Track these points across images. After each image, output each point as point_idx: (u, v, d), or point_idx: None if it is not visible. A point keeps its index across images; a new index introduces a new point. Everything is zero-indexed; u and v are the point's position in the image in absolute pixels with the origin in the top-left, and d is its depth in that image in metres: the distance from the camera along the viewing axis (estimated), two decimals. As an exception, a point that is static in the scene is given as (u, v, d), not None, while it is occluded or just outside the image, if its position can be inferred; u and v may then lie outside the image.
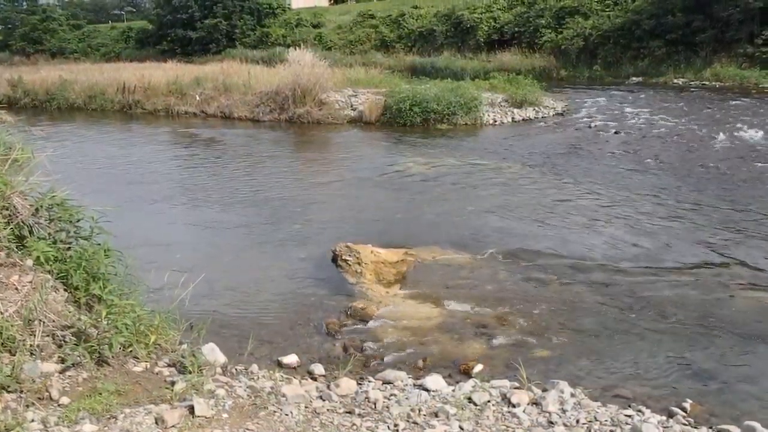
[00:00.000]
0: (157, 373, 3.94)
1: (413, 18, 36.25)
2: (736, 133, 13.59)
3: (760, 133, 13.41)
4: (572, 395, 4.09)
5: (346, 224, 8.33)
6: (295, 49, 17.96)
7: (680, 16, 25.19)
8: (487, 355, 5.00)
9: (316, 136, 15.48)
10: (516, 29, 31.01)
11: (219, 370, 4.29)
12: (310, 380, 4.45)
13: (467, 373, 4.64)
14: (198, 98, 19.05)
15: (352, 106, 16.91)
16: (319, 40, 37.84)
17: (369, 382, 4.37)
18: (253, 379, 4.22)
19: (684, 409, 4.08)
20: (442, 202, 9.37)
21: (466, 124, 15.78)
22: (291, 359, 4.80)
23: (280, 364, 4.74)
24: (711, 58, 24.45)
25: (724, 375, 4.66)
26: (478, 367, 4.70)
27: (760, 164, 11.04)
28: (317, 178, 11.12)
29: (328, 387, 4.18)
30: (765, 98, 18.96)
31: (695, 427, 3.72)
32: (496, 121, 16.11)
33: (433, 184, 10.45)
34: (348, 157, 12.80)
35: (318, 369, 4.64)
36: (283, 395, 3.87)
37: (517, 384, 4.27)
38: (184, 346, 4.32)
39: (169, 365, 4.07)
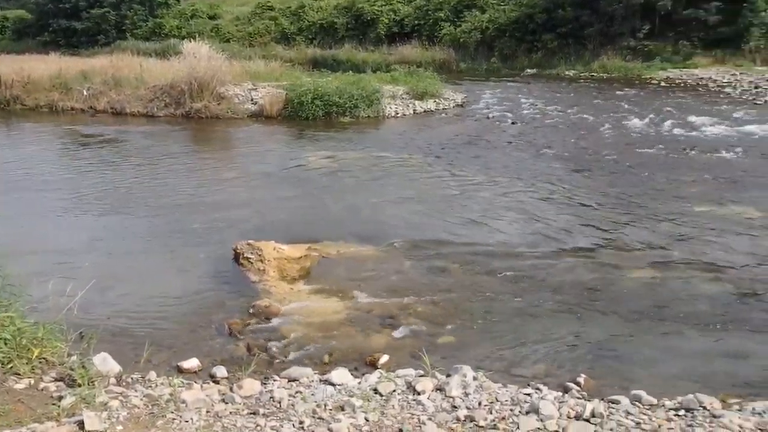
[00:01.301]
0: (42, 390, 3.68)
1: (313, 10, 35.89)
2: (622, 122, 14.41)
3: (643, 122, 14.28)
4: (474, 378, 4.18)
5: (248, 222, 8.14)
6: (191, 41, 17.33)
7: (570, 10, 26.36)
8: (393, 345, 5.03)
9: (216, 132, 15.04)
10: (416, 22, 31.37)
11: (113, 380, 4.08)
12: (212, 384, 4.31)
13: (373, 365, 4.66)
14: (85, 93, 17.99)
15: (252, 100, 16.54)
16: (216, 32, 36.70)
17: (274, 381, 4.28)
18: (150, 387, 4.04)
19: (578, 384, 4.27)
20: (345, 195, 9.35)
21: (368, 116, 15.82)
22: (191, 363, 4.63)
23: (179, 370, 4.56)
24: (598, 51, 25.77)
25: (614, 349, 4.93)
26: (384, 358, 4.72)
27: (642, 150, 11.76)
28: (217, 175, 10.80)
29: (231, 389, 4.07)
30: (647, 88, 20.22)
31: (588, 400, 3.89)
32: (398, 114, 16.25)
33: (336, 177, 10.41)
34: (249, 153, 12.52)
35: (220, 371, 4.50)
36: (183, 401, 3.72)
37: (422, 372, 4.32)
38: (74, 358, 4.07)
39: (56, 380, 3.82)
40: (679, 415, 3.60)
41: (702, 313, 5.45)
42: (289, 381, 4.28)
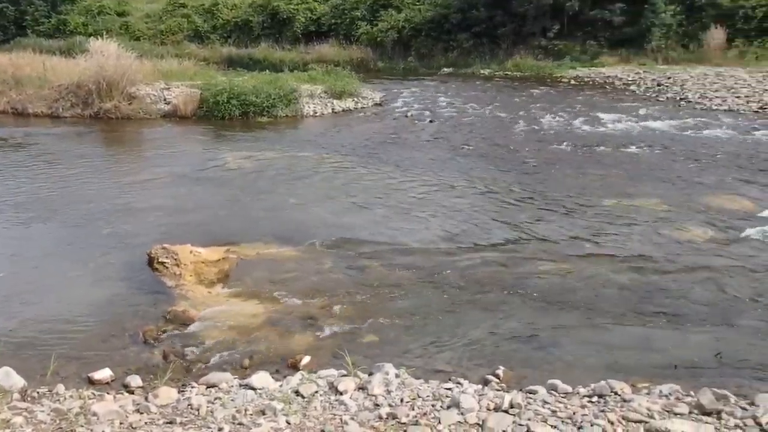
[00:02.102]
0: (-64, 410, 3.43)
1: (227, 8, 35.12)
2: (535, 119, 14.89)
3: (555, 119, 14.81)
4: (397, 376, 4.21)
5: (162, 225, 7.87)
6: (98, 39, 16.56)
7: (483, 11, 27.02)
8: (315, 346, 4.99)
9: (127, 133, 14.45)
10: (332, 21, 31.30)
11: (17, 395, 3.85)
12: (126, 394, 4.14)
13: (295, 367, 4.60)
14: (-19, 93, 16.89)
15: (165, 100, 16.00)
16: (126, 29, 35.31)
17: (192, 388, 4.17)
18: (58, 400, 3.84)
19: (498, 376, 4.37)
20: (264, 195, 9.20)
21: (286, 116, 15.64)
22: (103, 374, 4.42)
23: (90, 381, 4.35)
24: (511, 50, 26.53)
25: (531, 341, 5.07)
26: (306, 360, 4.67)
27: (555, 146, 12.19)
28: (129, 177, 10.38)
29: (146, 398, 3.92)
30: (558, 86, 20.99)
31: (507, 391, 3.99)
32: (316, 113, 16.15)
33: (254, 178, 10.22)
34: (163, 154, 12.10)
35: (135, 381, 4.33)
36: (94, 414, 3.56)
37: (344, 372, 4.31)
38: (-29, 375, 3.81)
39: (-49, 399, 3.57)
40: (592, 402, 3.75)
41: (613, 302, 5.69)
42: (207, 387, 4.17)
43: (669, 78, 20.30)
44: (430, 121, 15.03)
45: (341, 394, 3.90)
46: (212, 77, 17.50)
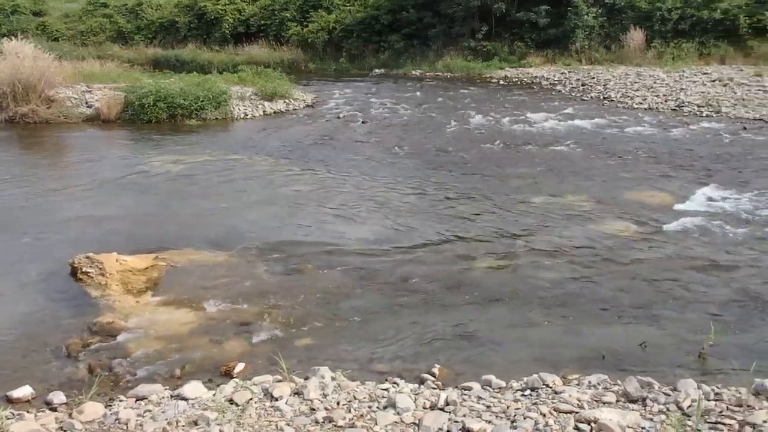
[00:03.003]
0: None
1: (152, 8, 34.14)
2: (466, 119, 15.12)
3: (486, 118, 15.08)
4: (333, 379, 4.16)
5: (87, 233, 7.56)
6: (12, 39, 15.76)
7: (413, 12, 27.26)
8: (249, 353, 4.89)
9: (46, 138, 13.80)
10: (262, 22, 30.88)
11: (-75, 420, 3.60)
12: (48, 412, 3.94)
13: (229, 375, 4.50)
14: None
15: (87, 103, 15.37)
16: (43, 29, 33.79)
17: (119, 401, 4.01)
18: (-28, 423, 3.61)
19: (433, 375, 4.39)
20: (194, 200, 8.98)
21: (216, 118, 15.31)
22: (23, 392, 4.20)
23: (9, 400, 4.12)
24: (442, 51, 26.86)
25: (467, 337, 5.12)
26: (240, 367, 4.58)
27: (486, 146, 12.40)
28: (49, 185, 9.91)
29: (70, 415, 3.75)
30: (488, 86, 21.40)
31: (443, 389, 4.02)
32: (247, 115, 15.87)
33: (184, 182, 9.96)
34: (86, 159, 11.62)
35: (58, 398, 4.12)
36: (13, 435, 3.37)
37: (279, 377, 4.24)
38: None
39: None
40: (525, 395, 3.82)
41: (545, 297, 5.82)
42: (137, 400, 4.02)
43: (593, 78, 21.01)
44: (363, 122, 15.03)
45: (276, 400, 3.83)
46: (137, 79, 16.92)
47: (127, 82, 16.61)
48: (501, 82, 22.44)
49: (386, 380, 4.26)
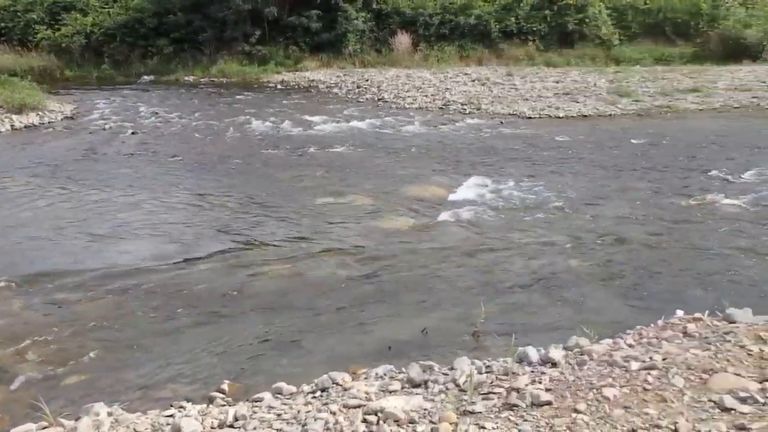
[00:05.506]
0: None
1: None
2: (245, 125, 14.85)
3: (265, 123, 14.95)
4: (110, 414, 3.76)
5: None
6: None
7: (181, 15, 26.16)
8: (7, 400, 4.26)
9: None
10: (3, 24, 27.45)
11: None
12: None
13: (-20, 432, 3.85)
14: None
15: None
16: None
17: None
18: None
19: (223, 391, 4.18)
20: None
21: (-49, 136, 13.28)
22: None
23: None
24: (215, 56, 26.16)
25: (257, 348, 4.96)
26: (-7, 421, 3.95)
27: (266, 151, 12.28)
28: None
29: None
30: (265, 91, 21.28)
31: (233, 405, 3.84)
32: (-8, 130, 14.00)
33: None
34: None
35: None
36: None
37: (44, 423, 3.73)
38: None
39: None
40: (316, 397, 3.79)
41: (334, 297, 5.83)
42: None
43: (367, 80, 21.90)
44: (133, 133, 14.04)
45: (41, 451, 3.36)
46: None
47: None
48: (279, 86, 22.46)
49: (171, 405, 3.96)
